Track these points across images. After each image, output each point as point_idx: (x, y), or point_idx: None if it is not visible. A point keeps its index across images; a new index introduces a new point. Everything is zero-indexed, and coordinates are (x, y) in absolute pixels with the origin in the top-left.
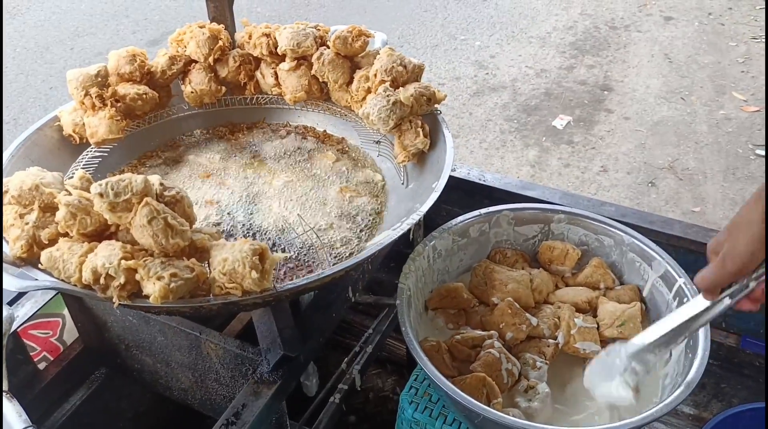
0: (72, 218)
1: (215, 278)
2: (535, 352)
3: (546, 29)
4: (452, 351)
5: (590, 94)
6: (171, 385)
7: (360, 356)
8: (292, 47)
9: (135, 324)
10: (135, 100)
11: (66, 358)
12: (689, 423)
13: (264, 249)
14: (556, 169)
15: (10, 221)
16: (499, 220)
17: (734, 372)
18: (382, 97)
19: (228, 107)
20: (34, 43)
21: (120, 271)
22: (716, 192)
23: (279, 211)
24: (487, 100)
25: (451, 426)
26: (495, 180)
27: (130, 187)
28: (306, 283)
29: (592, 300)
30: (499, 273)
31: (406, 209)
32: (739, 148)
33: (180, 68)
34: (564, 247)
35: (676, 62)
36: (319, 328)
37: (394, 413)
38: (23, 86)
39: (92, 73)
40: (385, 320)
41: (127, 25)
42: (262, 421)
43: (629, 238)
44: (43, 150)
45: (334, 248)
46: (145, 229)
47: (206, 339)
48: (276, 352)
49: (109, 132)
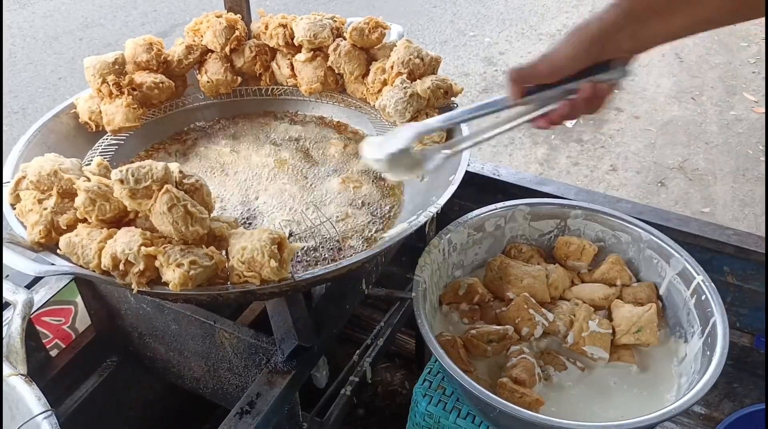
0: (91, 204)
1: (234, 266)
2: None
3: (556, 26)
4: (467, 345)
5: None
6: (183, 373)
7: (371, 349)
8: (308, 38)
9: (149, 312)
10: (152, 88)
11: (78, 345)
12: (700, 422)
13: (282, 238)
14: (565, 167)
15: (28, 206)
16: (515, 214)
17: (747, 372)
18: (399, 89)
19: (243, 98)
20: (43, 34)
21: (140, 258)
22: (726, 193)
23: (286, 202)
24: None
25: (464, 420)
26: (509, 175)
27: (151, 174)
28: (323, 273)
29: (609, 296)
30: (514, 268)
31: (422, 202)
32: (749, 149)
33: (196, 57)
34: (581, 243)
35: (687, 62)
36: (332, 319)
37: (403, 407)
38: (32, 76)
39: (109, 60)
40: (397, 313)
41: (136, 16)
42: (275, 410)
43: (647, 235)
44: (59, 137)
45: (351, 239)
46: (165, 217)
47: (220, 328)
48: (290, 342)
49: (126, 120)
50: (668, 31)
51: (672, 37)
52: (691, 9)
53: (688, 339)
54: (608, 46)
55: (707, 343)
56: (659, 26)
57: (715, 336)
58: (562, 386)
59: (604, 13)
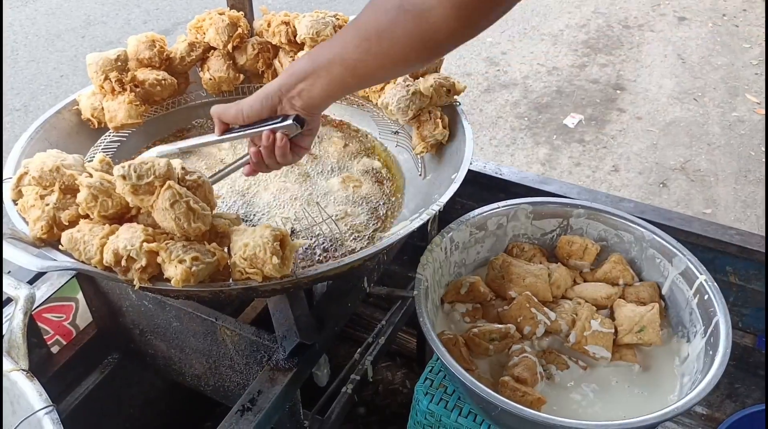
0: (93, 200)
1: (236, 263)
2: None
3: (558, 27)
4: (469, 344)
5: (602, 93)
6: (184, 371)
7: (372, 348)
8: (311, 36)
9: (150, 309)
10: (154, 85)
11: (79, 342)
12: (701, 423)
13: (285, 235)
14: (567, 167)
15: (30, 202)
16: (517, 213)
17: (749, 372)
18: (401, 86)
19: (245, 95)
20: (45, 31)
21: (142, 254)
22: (728, 194)
23: (287, 200)
24: (498, 97)
25: (466, 418)
26: (512, 174)
27: (153, 170)
28: (325, 270)
29: (611, 296)
30: (516, 267)
31: (424, 201)
32: (751, 150)
33: (199, 55)
34: (583, 242)
35: (689, 63)
36: (334, 317)
37: (404, 406)
38: (34, 73)
39: (112, 57)
40: (398, 312)
41: (138, 14)
42: (277, 408)
43: (649, 235)
44: (61, 133)
45: (351, 237)
46: (167, 213)
47: (222, 325)
48: (292, 340)
49: (128, 117)
50: (321, 94)
51: (329, 98)
52: (323, 76)
53: (691, 339)
54: (282, 101)
55: (710, 343)
56: (310, 90)
57: (718, 336)
58: (563, 385)
59: (283, 74)
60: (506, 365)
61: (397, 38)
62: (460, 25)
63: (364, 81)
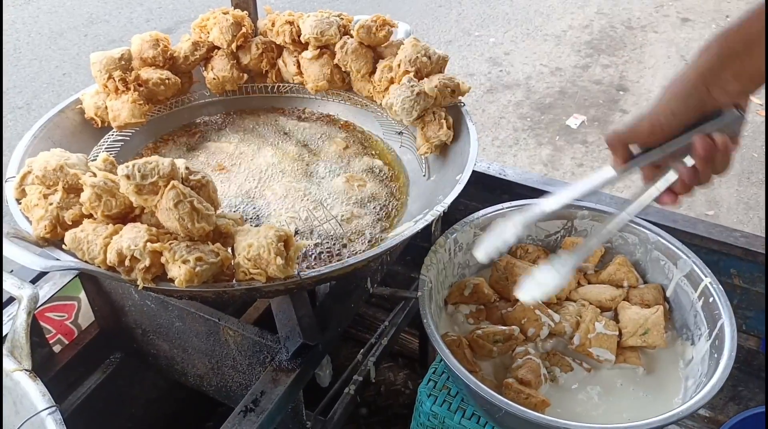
0: (97, 200)
1: (240, 263)
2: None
3: (561, 27)
4: (473, 346)
5: (605, 93)
6: (187, 371)
7: (375, 348)
8: (315, 35)
9: (153, 309)
10: (158, 84)
11: (82, 341)
12: (704, 425)
13: (289, 235)
14: (569, 168)
15: (33, 201)
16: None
17: (752, 375)
18: (406, 87)
19: (249, 95)
20: (48, 29)
21: (145, 254)
22: (730, 196)
23: (291, 200)
24: (501, 97)
25: (469, 420)
26: (516, 175)
27: (157, 169)
28: (329, 271)
29: (615, 298)
30: (520, 268)
31: (428, 201)
32: (754, 152)
33: (202, 54)
34: None
35: None
36: (337, 317)
37: (406, 407)
38: (36, 72)
39: (116, 56)
40: (401, 313)
41: (141, 13)
42: (280, 408)
43: (654, 237)
44: (64, 132)
45: (355, 238)
46: (171, 213)
47: (225, 325)
48: (295, 340)
49: (132, 116)
50: (762, 64)
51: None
52: (759, 44)
53: (695, 341)
54: (711, 92)
55: (714, 346)
56: (750, 64)
57: (723, 339)
58: (567, 388)
59: (698, 59)
60: (510, 367)
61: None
62: None
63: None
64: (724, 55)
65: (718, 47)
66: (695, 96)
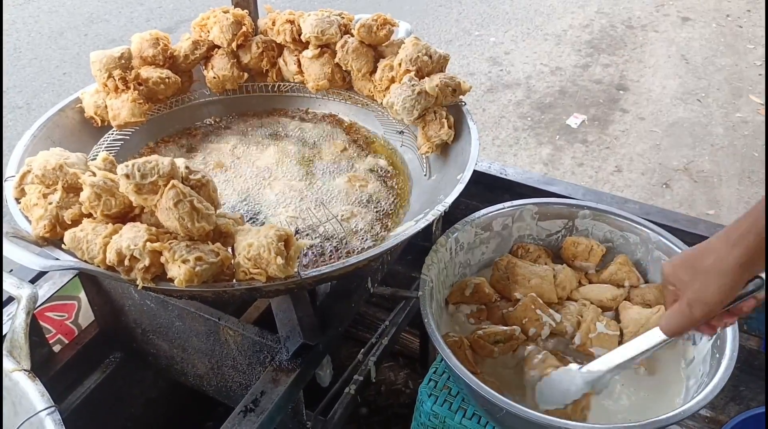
0: (96, 199)
1: (240, 263)
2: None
3: (562, 27)
4: (474, 346)
5: (605, 93)
6: (186, 371)
7: (376, 348)
8: (316, 34)
9: (153, 308)
10: (158, 83)
11: (81, 341)
12: (705, 425)
13: (289, 235)
14: (570, 167)
15: (33, 201)
16: (522, 214)
17: (753, 375)
18: (407, 86)
19: (249, 94)
20: (48, 29)
21: (145, 253)
22: (731, 195)
23: (292, 200)
24: (501, 96)
25: (470, 420)
26: (516, 174)
27: (157, 169)
28: (329, 271)
29: (617, 297)
30: (521, 268)
31: (429, 201)
32: (755, 151)
33: (203, 53)
34: (588, 244)
35: (692, 63)
36: (338, 317)
37: (406, 406)
38: (37, 71)
39: (116, 55)
40: (401, 313)
41: (142, 12)
42: (280, 408)
43: (655, 236)
44: (64, 131)
45: (356, 237)
46: (171, 212)
47: (225, 325)
48: (295, 340)
49: (132, 115)
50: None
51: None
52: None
53: (697, 341)
54: (754, 269)
55: (716, 346)
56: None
57: (724, 339)
58: None
59: (736, 249)
60: (515, 366)
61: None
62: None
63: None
64: (760, 247)
65: (756, 237)
66: (739, 285)
